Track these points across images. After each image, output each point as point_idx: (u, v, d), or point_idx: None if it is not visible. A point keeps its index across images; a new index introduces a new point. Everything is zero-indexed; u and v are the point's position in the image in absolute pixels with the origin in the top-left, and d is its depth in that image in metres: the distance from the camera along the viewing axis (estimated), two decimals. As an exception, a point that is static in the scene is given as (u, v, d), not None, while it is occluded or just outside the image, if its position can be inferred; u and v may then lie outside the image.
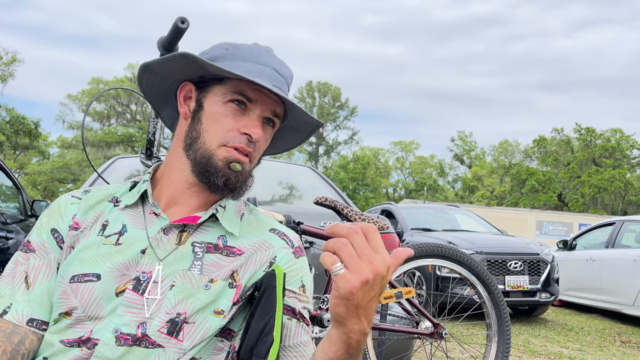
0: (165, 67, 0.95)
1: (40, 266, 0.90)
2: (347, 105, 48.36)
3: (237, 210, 0.99)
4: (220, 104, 0.92)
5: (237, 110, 0.91)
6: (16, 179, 5.07)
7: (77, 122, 39.75)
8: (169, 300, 0.85)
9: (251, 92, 0.91)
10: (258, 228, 0.99)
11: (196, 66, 0.92)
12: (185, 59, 0.90)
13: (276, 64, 0.96)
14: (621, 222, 7.06)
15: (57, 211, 0.95)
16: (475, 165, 46.59)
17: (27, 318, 0.87)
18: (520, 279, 5.93)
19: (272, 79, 0.92)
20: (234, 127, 0.91)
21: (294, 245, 0.99)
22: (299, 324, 0.91)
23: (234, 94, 0.91)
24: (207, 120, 0.92)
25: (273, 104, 0.93)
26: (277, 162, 3.76)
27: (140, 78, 0.99)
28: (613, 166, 33.83)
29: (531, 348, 4.73)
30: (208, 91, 0.94)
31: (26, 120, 29.52)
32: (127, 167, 3.05)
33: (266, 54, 0.96)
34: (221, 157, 0.90)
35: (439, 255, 2.26)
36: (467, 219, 8.11)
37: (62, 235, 0.92)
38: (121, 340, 0.82)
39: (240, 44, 0.96)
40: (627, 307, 6.26)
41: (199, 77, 0.95)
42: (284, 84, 0.96)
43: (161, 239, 0.90)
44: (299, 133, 1.06)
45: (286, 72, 0.98)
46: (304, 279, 0.97)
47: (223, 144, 0.91)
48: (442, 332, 2.16)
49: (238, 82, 0.91)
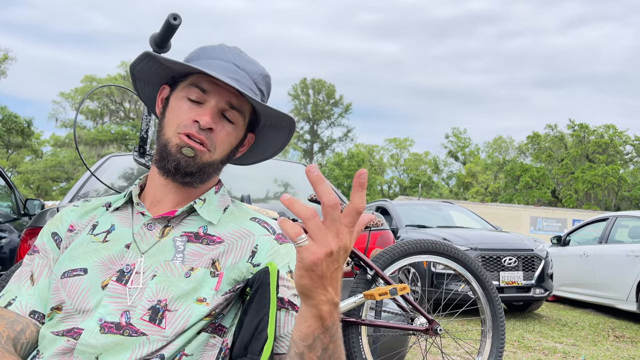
0: (143, 72, 1.01)
1: (43, 265, 0.98)
2: (341, 102, 48.37)
3: (220, 203, 1.02)
4: (179, 98, 0.97)
5: (192, 103, 0.96)
6: (9, 177, 5.05)
7: (70, 120, 39.55)
8: (150, 289, 0.88)
9: (205, 83, 0.95)
10: (239, 217, 1.01)
11: (163, 67, 0.98)
12: (149, 57, 0.96)
13: (238, 60, 0.99)
14: (614, 218, 7.10)
15: (59, 218, 1.03)
16: (470, 162, 46.74)
17: (30, 310, 0.93)
18: (515, 275, 5.96)
19: (227, 72, 0.96)
20: (188, 116, 0.95)
21: (276, 232, 1.00)
22: (288, 312, 0.91)
23: (190, 87, 0.96)
24: (169, 113, 0.98)
25: (228, 95, 0.96)
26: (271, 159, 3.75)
27: (136, 89, 1.08)
28: (606, 162, 34.03)
29: (526, 343, 4.76)
30: (175, 89, 1.00)
31: (18, 119, 29.30)
32: (120, 165, 3.03)
33: (229, 51, 1.00)
34: (174, 144, 0.94)
35: (434, 251, 2.26)
36: (462, 215, 8.14)
37: (61, 237, 1.00)
38: (105, 328, 0.85)
39: (209, 45, 1.02)
40: (620, 302, 6.30)
41: (171, 78, 1.01)
42: (245, 78, 0.98)
43: (145, 233, 0.95)
44: (280, 130, 1.06)
45: (250, 67, 1.00)
46: (290, 263, 0.97)
47: (177, 132, 0.94)
48: (437, 329, 2.17)
49: (196, 77, 0.96)
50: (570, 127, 37.00)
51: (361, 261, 2.12)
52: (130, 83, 1.07)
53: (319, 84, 48.14)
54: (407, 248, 2.20)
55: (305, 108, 48.31)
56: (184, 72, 0.98)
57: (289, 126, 1.03)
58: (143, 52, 0.95)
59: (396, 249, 2.19)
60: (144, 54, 0.95)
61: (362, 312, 2.10)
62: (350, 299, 2.06)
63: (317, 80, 48.18)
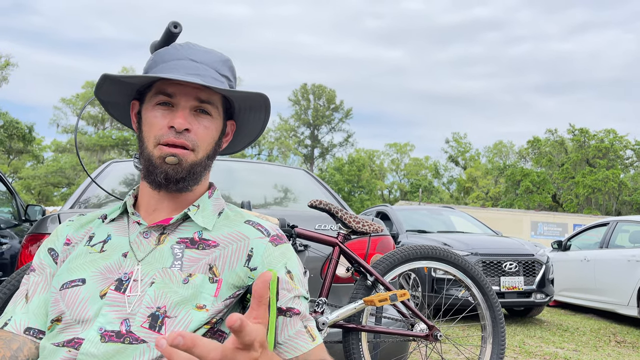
0: (109, 95, 1.03)
1: (38, 282, 0.98)
2: (341, 107, 48.42)
3: (215, 208, 1.02)
4: (150, 109, 0.97)
5: (164, 109, 0.96)
6: (10, 183, 5.05)
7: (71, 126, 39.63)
8: (149, 295, 0.88)
9: (170, 87, 0.95)
10: (234, 221, 1.01)
11: (125, 84, 0.99)
12: (108, 79, 0.97)
13: (192, 54, 0.99)
14: (615, 222, 7.10)
15: (55, 234, 1.04)
16: (470, 167, 46.73)
17: (24, 327, 0.93)
18: (515, 280, 5.95)
19: (186, 69, 0.96)
20: (163, 124, 0.95)
21: (270, 233, 0.99)
22: (285, 319, 0.91)
23: (156, 96, 0.96)
24: (145, 126, 0.98)
25: (194, 92, 0.96)
26: (271, 165, 3.76)
27: (110, 113, 1.09)
28: (607, 167, 34.03)
29: (527, 349, 4.75)
30: (144, 102, 1.00)
31: (20, 125, 29.34)
32: (121, 171, 3.04)
33: (181, 48, 1.00)
34: (157, 156, 0.95)
35: (434, 257, 2.26)
36: (462, 220, 8.13)
37: (57, 252, 1.00)
38: (106, 337, 0.85)
39: (162, 49, 1.01)
40: (621, 307, 6.29)
41: (137, 93, 1.02)
42: (206, 69, 0.97)
43: (141, 242, 0.95)
44: (257, 111, 1.07)
45: (208, 57, 0.99)
46: (288, 264, 0.96)
47: (157, 143, 0.95)
48: (437, 334, 2.17)
49: (159, 84, 0.96)
50: (571, 131, 37.02)
51: (361, 267, 2.13)
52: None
53: (319, 89, 48.21)
54: (407, 254, 2.21)
55: (305, 113, 48.37)
56: (148, 83, 0.99)
57: (264, 104, 1.03)
58: (101, 75, 0.96)
59: (396, 255, 2.19)
60: (102, 77, 0.96)
61: (362, 318, 2.11)
62: (350, 305, 2.06)
63: (317, 86, 48.26)
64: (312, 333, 0.93)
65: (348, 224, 2.10)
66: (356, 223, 2.10)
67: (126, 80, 0.98)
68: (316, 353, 0.91)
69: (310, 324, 0.94)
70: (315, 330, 0.95)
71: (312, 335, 0.92)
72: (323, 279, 2.12)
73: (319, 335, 0.95)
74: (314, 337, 0.93)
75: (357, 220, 2.11)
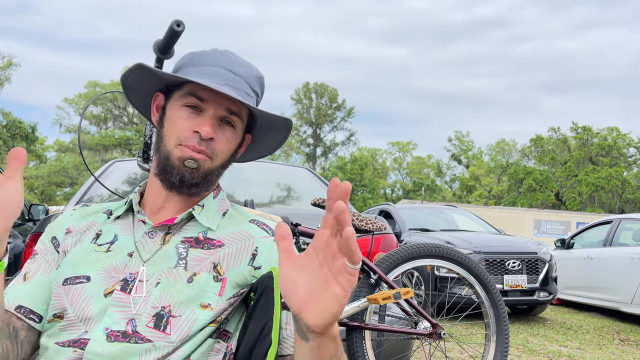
0: (135, 81, 1.01)
1: (40, 264, 0.98)
2: (344, 106, 48.38)
3: (219, 208, 1.02)
4: (177, 108, 0.96)
5: (191, 112, 0.95)
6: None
7: (74, 125, 39.67)
8: (154, 296, 0.88)
9: (203, 92, 0.94)
10: (238, 220, 1.01)
11: (157, 76, 0.98)
12: (142, 69, 0.96)
13: (231, 64, 0.98)
14: (618, 221, 7.08)
15: (57, 223, 1.04)
16: (473, 165, 46.65)
17: (16, 305, 0.93)
18: (519, 278, 5.94)
19: (223, 79, 0.95)
20: (188, 126, 0.94)
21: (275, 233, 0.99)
22: (288, 314, 0.91)
23: (187, 97, 0.95)
24: (167, 123, 0.97)
25: (226, 103, 0.95)
26: (274, 164, 3.76)
27: (129, 98, 1.07)
28: (610, 164, 33.92)
29: (530, 347, 4.74)
30: (171, 97, 0.99)
31: (23, 124, 29.41)
32: (124, 170, 3.04)
33: (222, 56, 0.99)
34: (176, 156, 0.94)
35: (437, 255, 2.26)
36: (465, 218, 8.12)
37: (59, 241, 1.00)
38: (112, 337, 0.85)
39: (200, 51, 1.01)
40: (625, 305, 6.27)
41: (165, 86, 1.01)
42: (240, 83, 0.97)
43: (146, 242, 0.95)
44: (276, 132, 1.07)
45: (244, 71, 0.99)
46: None
47: (178, 144, 0.94)
48: (440, 332, 2.16)
49: (192, 85, 0.95)
50: (574, 129, 36.92)
51: (364, 265, 2.12)
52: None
53: (321, 88, 48.17)
54: (410, 252, 2.20)
55: (308, 112, 48.35)
56: (180, 81, 0.98)
57: (285, 126, 1.04)
58: (135, 64, 0.95)
59: (399, 253, 2.19)
60: (137, 66, 0.95)
61: (365, 316, 2.10)
62: (353, 303, 2.06)
63: (319, 84, 48.21)
64: None
65: (351, 222, 2.09)
66: (359, 221, 2.10)
67: (161, 76, 0.97)
68: None
69: None
70: None
71: None
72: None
73: None
74: None
75: (360, 219, 2.11)
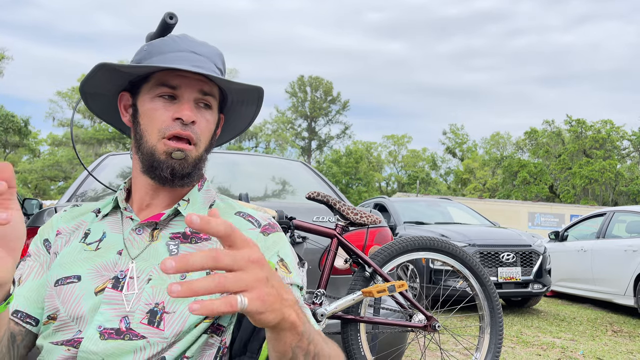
0: (96, 85, 0.98)
1: (32, 267, 0.97)
2: (339, 99, 48.33)
3: (205, 200, 1.01)
4: (149, 100, 0.94)
5: (165, 101, 0.93)
6: (6, 177, 5.03)
7: (67, 119, 39.45)
8: (147, 292, 0.88)
9: (172, 79, 0.93)
10: (224, 213, 1.00)
11: (120, 74, 0.95)
12: (103, 68, 0.93)
13: (193, 46, 0.97)
14: (612, 213, 7.12)
15: (49, 224, 1.03)
16: (467, 158, 46.77)
17: (13, 309, 0.92)
18: (513, 271, 5.97)
19: (189, 61, 0.94)
20: (167, 116, 0.93)
21: (261, 224, 0.98)
22: None
23: (158, 87, 0.94)
24: (143, 119, 0.95)
25: (199, 84, 0.94)
26: (269, 157, 3.75)
27: (89, 106, 1.04)
28: (603, 157, 34.09)
29: (524, 338, 4.77)
30: (139, 93, 0.97)
31: (15, 118, 29.22)
32: (117, 164, 3.03)
33: (180, 40, 0.98)
34: (161, 151, 0.93)
35: (431, 248, 2.27)
36: (460, 211, 8.15)
37: (50, 243, 1.00)
38: (105, 335, 0.85)
39: (156, 40, 0.99)
40: (618, 297, 6.32)
41: (129, 83, 0.99)
42: (207, 62, 0.96)
43: (134, 238, 0.94)
44: (250, 104, 1.06)
45: (207, 50, 0.98)
46: (280, 252, 0.95)
47: (161, 137, 0.93)
48: (435, 325, 2.17)
49: (160, 74, 0.94)
50: (568, 122, 37.05)
51: (359, 258, 2.13)
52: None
53: (316, 81, 48.07)
54: (405, 245, 2.21)
55: (302, 105, 48.27)
56: (144, 74, 0.96)
57: (257, 97, 1.03)
58: (96, 65, 0.92)
59: (394, 246, 2.20)
60: (98, 66, 0.92)
61: (360, 309, 2.11)
62: (348, 297, 2.06)
63: (314, 78, 48.11)
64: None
65: (346, 215, 2.10)
66: (354, 215, 2.10)
67: (125, 70, 0.95)
68: None
69: (304, 311, 0.94)
70: (311, 317, 0.93)
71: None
72: (321, 271, 2.12)
73: (315, 322, 0.93)
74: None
75: (355, 212, 2.11)
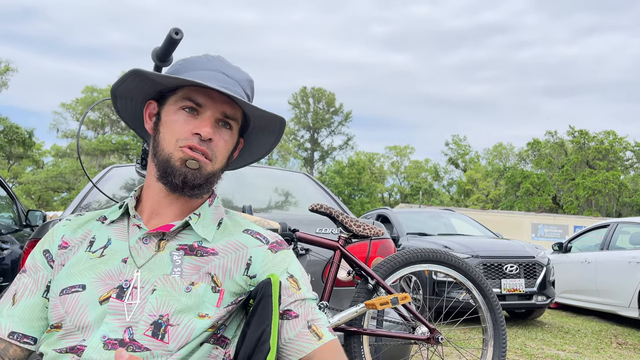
0: (127, 90, 1.01)
1: (27, 284, 0.98)
2: (341, 110, 48.44)
3: (214, 216, 1.02)
4: (173, 112, 0.97)
5: (188, 115, 0.96)
6: (10, 188, 5.05)
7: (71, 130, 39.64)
8: (151, 303, 0.88)
9: (199, 96, 0.96)
10: (232, 231, 1.01)
11: (151, 82, 0.98)
12: (136, 75, 0.96)
13: (225, 68, 1.00)
14: (615, 224, 7.10)
15: (50, 235, 1.03)
16: (470, 169, 46.71)
17: (9, 331, 0.94)
18: (516, 282, 5.95)
19: (218, 81, 0.96)
20: (187, 129, 0.95)
21: (269, 241, 1.00)
22: (283, 322, 0.92)
23: (183, 100, 0.96)
24: (163, 128, 0.97)
25: (222, 105, 0.97)
26: (272, 169, 3.77)
27: (116, 108, 1.06)
28: (607, 168, 34.00)
29: (528, 351, 4.74)
30: (165, 103, 0.99)
31: (20, 130, 29.33)
32: (122, 176, 3.04)
33: (214, 60, 1.01)
34: (177, 158, 0.94)
35: (434, 260, 2.27)
36: (463, 222, 8.13)
37: (52, 255, 0.99)
38: (109, 345, 0.86)
39: (193, 56, 1.02)
40: (623, 309, 6.28)
41: (158, 93, 1.01)
42: (235, 85, 0.99)
43: (140, 247, 0.95)
44: (270, 134, 1.08)
45: (238, 75, 1.01)
46: (289, 269, 0.97)
47: (179, 146, 0.95)
48: (438, 337, 2.17)
49: (188, 89, 0.97)
50: (570, 133, 37.02)
51: (362, 271, 2.13)
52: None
53: (318, 92, 48.22)
54: (408, 257, 2.21)
55: (305, 116, 48.39)
56: (174, 86, 0.98)
57: (279, 127, 1.05)
58: (130, 70, 0.95)
59: (397, 258, 2.20)
60: (132, 72, 0.95)
61: (363, 321, 2.11)
62: (351, 309, 2.06)
63: (316, 89, 48.27)
64: (317, 332, 0.93)
65: (349, 227, 2.10)
66: (357, 226, 2.11)
67: (155, 79, 0.97)
68: (324, 351, 0.91)
69: (317, 323, 0.94)
70: (324, 328, 0.94)
71: (317, 334, 0.92)
72: (324, 283, 2.13)
73: (327, 332, 0.94)
74: (321, 335, 0.92)
75: (357, 224, 2.12)
